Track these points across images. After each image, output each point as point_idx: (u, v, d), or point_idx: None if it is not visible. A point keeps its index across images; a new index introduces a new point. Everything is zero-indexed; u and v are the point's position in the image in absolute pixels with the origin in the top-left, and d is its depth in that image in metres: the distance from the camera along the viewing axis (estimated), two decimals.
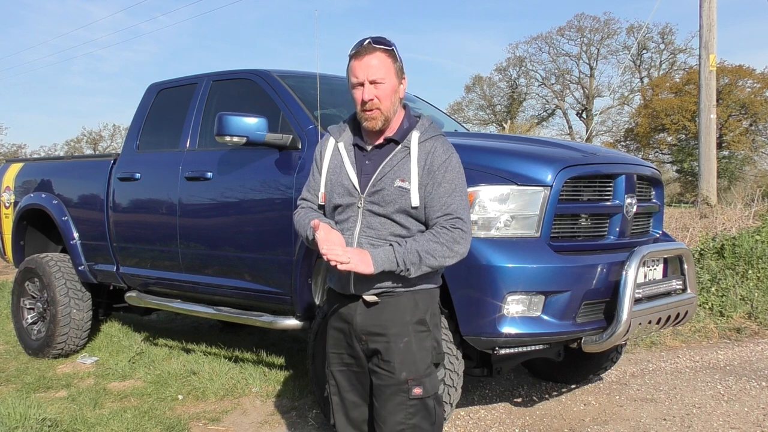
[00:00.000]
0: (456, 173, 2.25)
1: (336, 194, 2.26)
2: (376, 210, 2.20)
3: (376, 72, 2.16)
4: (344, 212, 2.25)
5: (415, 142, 2.23)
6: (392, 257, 2.12)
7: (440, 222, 2.18)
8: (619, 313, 3.16)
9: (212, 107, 4.53)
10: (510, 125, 39.91)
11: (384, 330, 2.22)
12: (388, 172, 2.20)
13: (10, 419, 3.65)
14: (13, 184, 5.94)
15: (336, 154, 2.30)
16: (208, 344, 5.42)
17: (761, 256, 6.77)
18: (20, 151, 39.48)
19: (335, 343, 2.33)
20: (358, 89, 2.19)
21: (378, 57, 2.18)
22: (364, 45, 2.19)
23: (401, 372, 2.21)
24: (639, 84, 41.55)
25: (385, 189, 2.18)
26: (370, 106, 2.17)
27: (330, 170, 2.29)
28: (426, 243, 2.15)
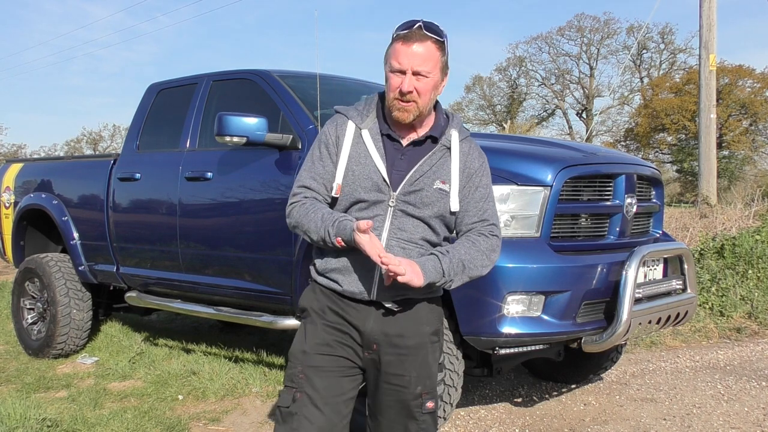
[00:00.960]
0: (489, 178, 2.14)
1: (361, 188, 1.99)
2: (410, 211, 2.00)
3: (423, 64, 1.93)
4: (370, 209, 2.00)
5: (456, 141, 2.07)
6: (439, 267, 1.93)
7: (477, 228, 2.05)
8: (619, 313, 3.16)
9: (212, 107, 4.53)
10: (510, 125, 39.91)
11: (402, 341, 2.02)
12: (427, 171, 2.01)
13: (10, 419, 3.65)
14: (13, 184, 5.94)
15: (359, 142, 2.03)
16: (208, 344, 5.42)
17: (761, 256, 6.77)
18: (20, 151, 39.48)
19: (325, 343, 2.03)
20: (397, 76, 1.95)
21: (427, 47, 1.94)
22: (415, 29, 1.94)
23: (417, 386, 2.04)
24: (639, 84, 41.58)
25: (423, 190, 1.99)
26: (408, 99, 1.95)
27: (352, 159, 2.02)
28: (468, 252, 1.99)
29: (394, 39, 1.98)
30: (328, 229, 1.95)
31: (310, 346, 2.03)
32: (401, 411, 2.05)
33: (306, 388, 2.00)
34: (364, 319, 2.02)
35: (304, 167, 2.10)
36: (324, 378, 2.01)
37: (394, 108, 1.98)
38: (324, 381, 2.01)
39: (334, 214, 1.98)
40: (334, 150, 2.05)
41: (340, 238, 1.92)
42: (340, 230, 1.92)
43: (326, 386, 2.01)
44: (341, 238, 1.92)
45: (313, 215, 1.99)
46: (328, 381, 2.01)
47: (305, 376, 2.01)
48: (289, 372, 2.06)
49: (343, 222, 1.93)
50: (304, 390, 2.00)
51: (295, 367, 2.04)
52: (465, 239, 2.04)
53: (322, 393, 2.00)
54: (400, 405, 2.04)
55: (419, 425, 2.06)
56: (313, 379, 2.00)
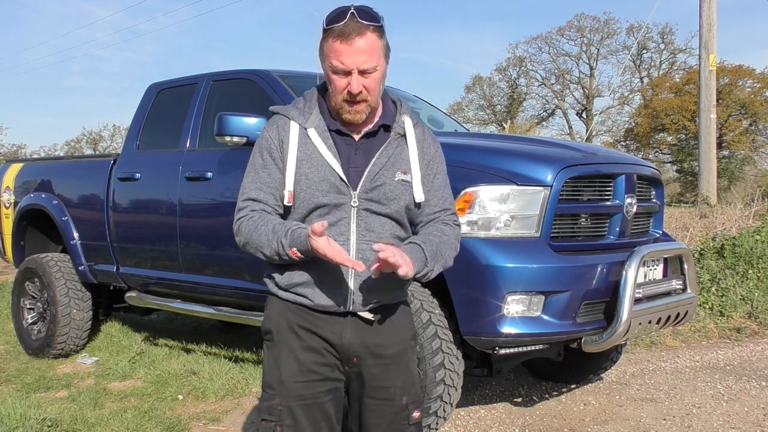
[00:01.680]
0: (444, 164, 2.00)
1: (318, 192, 1.82)
2: (375, 209, 1.85)
3: (368, 60, 1.76)
4: (332, 214, 1.83)
5: (410, 128, 1.92)
6: (422, 256, 1.79)
7: (441, 218, 1.95)
8: (619, 313, 3.16)
9: (212, 107, 4.53)
10: (510, 125, 39.90)
11: (383, 350, 1.89)
12: (386, 162, 1.86)
13: (10, 419, 3.65)
14: (13, 184, 5.94)
15: (307, 143, 1.85)
16: (208, 344, 5.42)
17: (761, 256, 6.77)
18: (20, 151, 39.49)
19: (304, 370, 1.85)
20: (342, 78, 1.77)
21: (368, 39, 1.75)
22: (351, 21, 1.73)
23: (402, 397, 1.91)
24: (639, 84, 41.60)
25: (385, 184, 1.84)
26: (359, 99, 1.79)
27: (302, 162, 1.83)
28: (440, 241, 1.88)
29: (327, 33, 1.76)
30: (280, 240, 1.76)
31: (285, 374, 1.85)
32: (390, 427, 1.92)
33: (286, 420, 1.84)
34: (340, 333, 1.86)
35: (246, 178, 1.92)
36: (305, 407, 1.85)
37: (344, 111, 1.82)
38: (305, 410, 1.85)
39: (286, 224, 1.80)
40: (278, 155, 1.87)
41: (296, 248, 1.74)
42: (295, 240, 1.74)
43: (308, 415, 1.85)
44: (296, 248, 1.74)
45: (263, 228, 1.81)
46: (309, 409, 1.85)
47: (284, 407, 1.85)
48: (265, 404, 1.88)
49: (296, 231, 1.75)
50: (284, 422, 1.84)
51: (272, 398, 1.87)
52: (433, 229, 1.92)
53: (304, 423, 1.85)
54: (387, 421, 1.91)
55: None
56: (294, 410, 1.84)
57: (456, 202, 3.12)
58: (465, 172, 3.23)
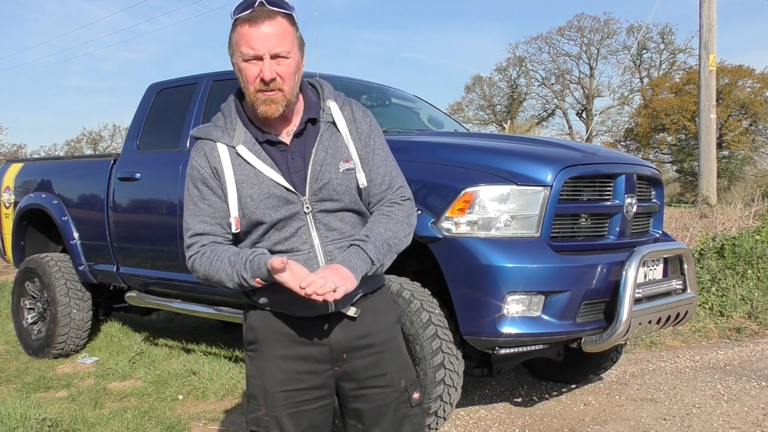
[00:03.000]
0: (382, 136, 1.90)
1: (268, 209, 1.74)
2: (329, 207, 1.78)
3: (280, 44, 1.68)
4: (288, 226, 1.76)
5: (336, 111, 1.83)
6: (365, 257, 1.74)
7: (388, 197, 1.86)
8: (619, 313, 3.16)
9: (212, 107, 4.52)
10: (510, 125, 39.91)
11: (371, 340, 1.86)
12: (325, 157, 1.78)
13: (10, 419, 3.65)
14: (13, 184, 5.94)
15: (240, 163, 1.75)
16: (208, 344, 5.42)
17: (761, 256, 6.77)
18: (20, 151, 39.50)
19: (288, 378, 1.81)
20: (253, 64, 1.69)
21: (279, 24, 1.68)
22: (257, 7, 1.68)
23: (400, 380, 1.89)
24: (639, 84, 41.60)
25: (332, 179, 1.77)
26: (273, 87, 1.69)
27: (242, 184, 1.75)
28: (387, 227, 1.80)
29: (235, 22, 1.71)
30: (241, 274, 1.70)
31: (271, 385, 1.81)
32: (395, 414, 1.88)
33: (274, 430, 1.81)
34: (327, 332, 1.83)
35: (186, 212, 1.82)
36: (292, 416, 1.81)
37: (259, 102, 1.72)
38: (292, 419, 1.81)
39: (240, 253, 1.73)
40: (215, 183, 1.77)
41: (258, 278, 1.70)
42: (255, 270, 1.69)
43: (296, 424, 1.81)
44: (259, 278, 1.69)
45: (218, 263, 1.73)
46: (296, 418, 1.81)
47: (271, 417, 1.80)
48: (251, 416, 1.84)
49: (254, 260, 1.69)
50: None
51: (258, 409, 1.82)
52: (379, 215, 1.83)
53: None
54: (391, 408, 1.88)
55: (412, 421, 1.91)
56: (282, 420, 1.80)
57: (456, 202, 3.14)
58: (465, 172, 3.23)
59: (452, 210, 3.14)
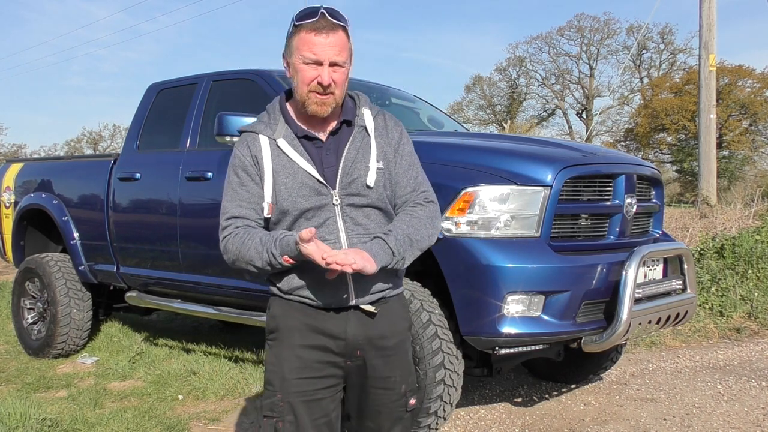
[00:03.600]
0: (411, 144, 2.07)
1: (300, 198, 1.89)
2: (357, 202, 1.91)
3: (339, 54, 1.86)
4: (317, 216, 1.90)
5: (369, 119, 2.00)
6: (387, 248, 1.85)
7: (412, 198, 2.00)
8: (619, 313, 3.16)
9: (212, 107, 4.53)
10: (510, 125, 39.91)
11: (385, 342, 1.97)
12: (356, 155, 1.93)
13: (11, 419, 3.65)
14: (13, 184, 5.94)
15: (279, 154, 1.92)
16: (208, 344, 5.42)
17: (761, 256, 6.77)
18: (20, 151, 39.50)
19: (304, 366, 1.91)
20: (313, 68, 1.86)
21: (340, 36, 1.87)
22: (322, 18, 1.85)
23: (401, 385, 2.02)
24: (639, 84, 41.61)
25: (361, 176, 1.92)
26: (328, 91, 1.87)
27: (279, 173, 1.90)
28: (409, 225, 1.92)
29: (299, 28, 1.87)
30: (271, 251, 1.82)
31: (288, 371, 1.91)
32: (390, 414, 2.01)
33: (288, 416, 1.90)
34: (344, 327, 1.93)
35: (225, 198, 1.96)
36: (306, 403, 1.91)
37: (311, 102, 1.88)
38: (306, 406, 1.91)
39: (271, 234, 1.86)
40: (254, 171, 1.92)
41: (287, 255, 1.81)
42: (284, 248, 1.80)
43: (309, 411, 1.91)
44: (288, 255, 1.81)
45: (250, 242, 1.86)
46: (310, 406, 1.91)
47: (286, 403, 1.91)
48: (267, 401, 1.95)
49: (284, 239, 1.81)
50: (286, 418, 1.91)
51: (274, 395, 1.93)
52: (402, 214, 1.97)
53: (305, 419, 1.91)
54: (388, 408, 2.00)
55: (404, 424, 2.05)
56: (296, 406, 1.90)
57: (456, 202, 3.14)
58: (465, 172, 3.23)
59: (452, 210, 3.14)
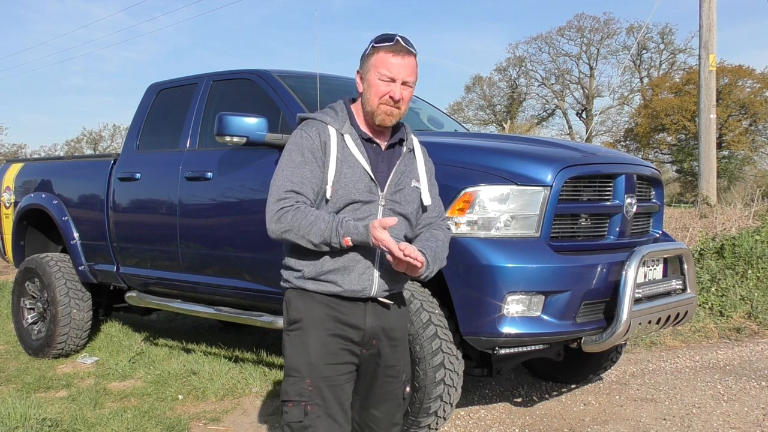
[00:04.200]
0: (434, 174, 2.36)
1: (355, 190, 2.10)
2: (397, 209, 2.17)
3: (410, 75, 2.14)
4: (362, 209, 2.11)
5: (417, 145, 2.28)
6: (425, 260, 2.08)
7: (437, 223, 2.28)
8: (619, 313, 3.16)
9: (212, 107, 4.53)
10: (510, 125, 39.91)
11: (394, 333, 2.21)
12: (405, 170, 2.21)
13: (11, 419, 3.65)
14: (13, 184, 5.94)
15: (344, 146, 2.14)
16: (208, 344, 5.42)
17: (761, 256, 6.77)
18: (20, 151, 39.47)
19: (330, 353, 2.09)
20: (387, 84, 2.11)
21: (412, 61, 2.15)
22: (401, 44, 2.12)
23: (403, 374, 2.25)
24: (639, 84, 41.58)
25: (405, 188, 2.18)
26: (397, 105, 2.13)
27: (341, 162, 2.11)
28: (437, 245, 2.19)
29: (378, 49, 2.12)
30: (336, 229, 2.01)
31: (315, 357, 2.07)
32: (394, 400, 2.23)
33: (317, 400, 2.05)
34: (363, 317, 2.13)
35: (284, 173, 2.11)
36: (333, 388, 2.08)
37: (380, 112, 2.12)
38: (332, 390, 2.08)
39: (335, 215, 2.06)
40: (320, 155, 2.10)
41: (350, 238, 2.01)
42: (350, 230, 2.01)
43: (335, 395, 2.08)
44: (351, 238, 2.01)
45: (314, 218, 2.03)
46: (335, 390, 2.08)
47: (315, 387, 2.06)
48: (293, 387, 2.08)
49: (349, 222, 2.03)
50: (315, 402, 2.05)
51: (302, 380, 2.07)
52: (429, 235, 2.24)
53: (333, 402, 2.07)
54: (392, 395, 2.23)
55: (401, 410, 2.29)
56: (324, 390, 2.06)
57: (456, 202, 3.14)
58: (465, 172, 3.23)
59: (452, 210, 3.14)
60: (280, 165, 2.14)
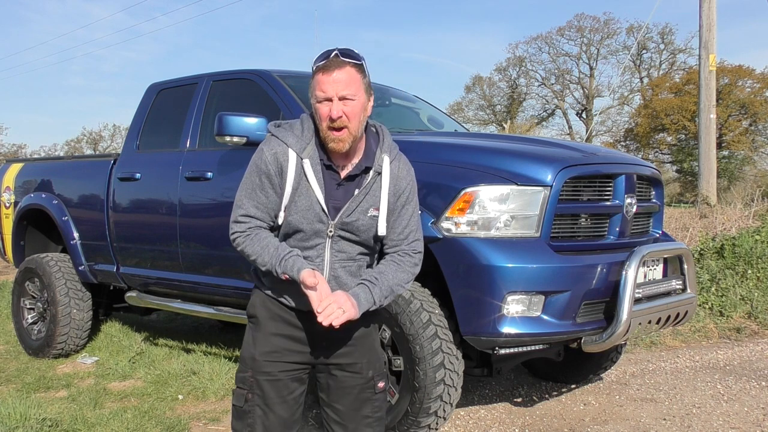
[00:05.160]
0: (415, 193, 2.23)
1: (304, 219, 2.06)
2: (348, 237, 2.10)
3: (347, 87, 1.98)
4: (310, 239, 2.08)
5: (386, 166, 2.12)
6: (371, 298, 2.05)
7: (402, 249, 2.17)
8: (619, 313, 3.16)
9: (212, 107, 4.53)
10: (510, 125, 39.91)
11: (349, 334, 2.17)
12: (362, 200, 2.09)
13: (11, 419, 3.65)
14: (14, 184, 5.94)
15: (301, 173, 2.06)
16: (208, 344, 5.42)
17: (761, 256, 6.77)
18: (20, 151, 39.48)
19: (273, 351, 2.14)
20: (325, 104, 2.00)
21: (348, 72, 2.00)
22: (332, 58, 2.00)
23: (368, 371, 2.21)
24: (639, 84, 41.59)
25: (359, 219, 2.08)
26: (339, 124, 1.99)
27: (296, 191, 2.06)
28: (395, 275, 2.12)
29: (314, 72, 2.03)
30: (275, 266, 2.03)
31: (259, 353, 2.15)
32: (358, 396, 2.21)
33: (256, 390, 2.15)
34: (312, 323, 2.07)
35: (243, 193, 2.12)
36: (272, 383, 2.15)
37: (329, 140, 2.03)
38: (271, 385, 2.15)
39: (280, 248, 2.05)
40: (277, 180, 2.07)
41: (287, 275, 2.02)
42: (287, 269, 2.01)
43: (274, 389, 2.15)
44: (288, 275, 2.02)
45: (260, 249, 2.06)
46: (275, 385, 2.15)
47: (254, 380, 2.15)
48: (240, 375, 2.19)
49: (288, 260, 2.02)
50: (254, 392, 2.15)
51: (246, 371, 2.17)
52: (391, 262, 2.15)
53: (270, 396, 2.15)
54: (356, 390, 2.20)
55: (373, 404, 2.24)
56: (262, 384, 2.14)
57: (456, 202, 3.14)
58: (465, 172, 3.23)
59: (452, 210, 3.14)
60: (243, 178, 2.14)
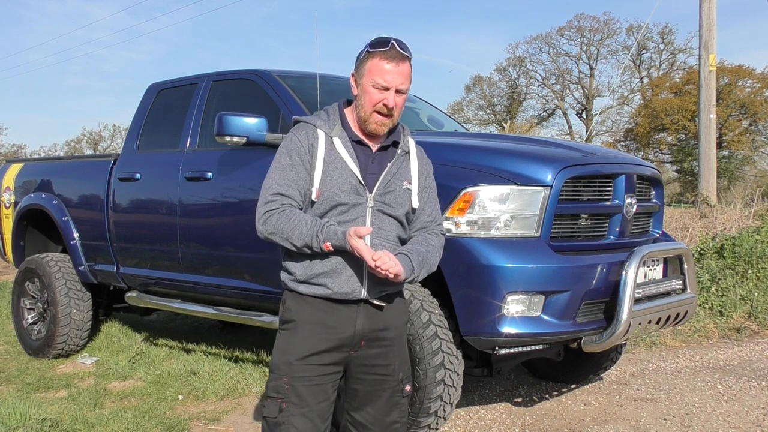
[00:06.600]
0: (434, 178, 2.32)
1: (341, 192, 2.10)
2: (387, 210, 2.15)
3: (405, 82, 2.11)
4: (350, 212, 2.12)
5: (413, 147, 2.25)
6: (410, 265, 2.08)
7: (431, 228, 2.25)
8: (619, 313, 3.16)
9: (212, 107, 4.53)
10: (510, 125, 39.90)
11: (387, 334, 2.20)
12: (396, 173, 2.17)
13: (11, 419, 3.65)
14: (14, 184, 5.94)
15: (332, 149, 2.14)
16: (208, 344, 5.42)
17: (761, 256, 6.77)
18: (20, 151, 39.46)
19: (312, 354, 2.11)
20: (381, 92, 2.09)
21: (407, 67, 2.12)
22: (397, 49, 2.09)
23: (399, 372, 2.23)
24: (639, 84, 41.56)
25: (395, 190, 2.16)
26: (390, 113, 2.11)
27: (328, 165, 2.12)
28: (427, 251, 2.17)
29: (373, 54, 2.09)
30: (316, 234, 2.03)
31: (295, 357, 2.11)
32: (389, 399, 2.21)
33: (292, 398, 2.10)
34: (353, 320, 2.13)
35: (273, 174, 2.15)
36: (309, 387, 2.11)
37: (372, 121, 2.12)
38: (309, 390, 2.11)
39: (318, 220, 2.07)
40: (307, 158, 2.13)
41: (330, 243, 2.02)
42: (330, 235, 2.02)
43: (312, 394, 2.11)
44: (331, 243, 2.02)
45: (297, 222, 2.06)
46: (313, 390, 2.11)
47: (291, 386, 2.10)
48: (273, 384, 2.13)
49: (331, 227, 2.04)
50: (290, 400, 2.10)
51: (280, 378, 2.12)
52: (422, 239, 2.22)
53: (308, 401, 2.10)
54: (387, 393, 2.21)
55: (401, 409, 2.25)
56: (299, 389, 2.10)
57: (456, 202, 3.14)
58: (465, 172, 3.23)
59: (452, 210, 3.14)
60: (270, 168, 2.17)
